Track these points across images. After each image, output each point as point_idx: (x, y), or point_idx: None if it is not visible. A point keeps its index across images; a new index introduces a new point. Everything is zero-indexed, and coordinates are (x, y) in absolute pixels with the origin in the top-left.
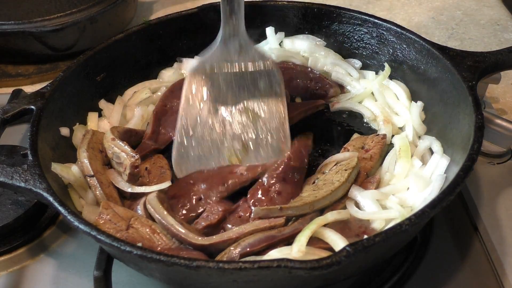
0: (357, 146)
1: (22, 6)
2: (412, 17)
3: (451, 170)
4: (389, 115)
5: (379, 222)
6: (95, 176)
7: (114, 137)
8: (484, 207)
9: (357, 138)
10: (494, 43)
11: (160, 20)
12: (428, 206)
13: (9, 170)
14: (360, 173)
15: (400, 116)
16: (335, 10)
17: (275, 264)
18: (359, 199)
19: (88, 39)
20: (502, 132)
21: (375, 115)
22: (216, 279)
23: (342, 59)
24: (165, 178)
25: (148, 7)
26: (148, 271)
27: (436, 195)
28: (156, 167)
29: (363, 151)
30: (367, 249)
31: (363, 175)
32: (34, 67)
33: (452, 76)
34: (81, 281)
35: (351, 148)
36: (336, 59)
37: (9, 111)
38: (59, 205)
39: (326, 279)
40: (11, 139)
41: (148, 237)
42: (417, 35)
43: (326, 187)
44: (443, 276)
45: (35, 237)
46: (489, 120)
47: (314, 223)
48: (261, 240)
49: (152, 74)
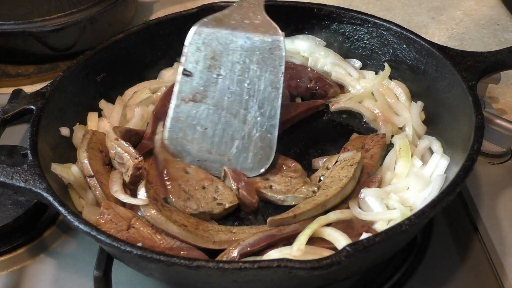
0: (356, 146)
1: (22, 6)
2: (412, 17)
3: (451, 170)
4: (389, 115)
5: (381, 223)
6: (95, 176)
7: (117, 137)
8: (484, 207)
9: (356, 138)
10: (494, 43)
11: (160, 20)
12: (428, 206)
13: (9, 170)
14: (362, 172)
15: (400, 116)
16: (335, 10)
17: (275, 264)
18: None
19: (88, 39)
20: (502, 132)
21: (375, 115)
22: (216, 279)
23: (342, 59)
24: None
25: (148, 7)
26: (148, 271)
27: (436, 195)
28: (154, 168)
29: (363, 151)
30: (367, 249)
31: (365, 175)
32: (34, 67)
33: (452, 76)
34: (81, 281)
35: (351, 148)
36: (336, 59)
37: (9, 111)
38: (59, 205)
39: (326, 279)
40: (11, 139)
41: (149, 237)
42: (417, 35)
43: (335, 184)
44: (443, 276)
45: (35, 237)
46: (489, 120)
47: (316, 223)
48: (261, 239)
49: (152, 74)
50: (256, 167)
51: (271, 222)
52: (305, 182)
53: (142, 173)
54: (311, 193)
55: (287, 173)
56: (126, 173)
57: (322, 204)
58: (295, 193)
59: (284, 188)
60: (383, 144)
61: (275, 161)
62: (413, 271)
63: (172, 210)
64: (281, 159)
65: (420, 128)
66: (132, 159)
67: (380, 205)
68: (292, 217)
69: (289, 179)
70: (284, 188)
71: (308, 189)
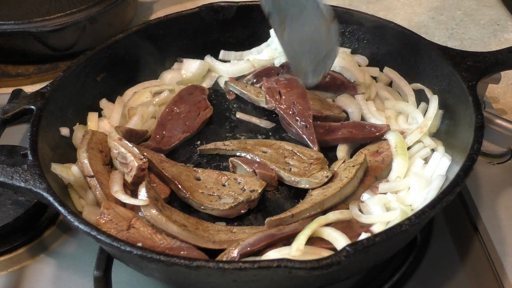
0: (372, 150)
1: (22, 6)
2: (412, 17)
3: (451, 170)
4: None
5: (379, 226)
6: (95, 176)
7: (120, 137)
8: (484, 207)
9: (374, 143)
10: (494, 43)
11: (160, 20)
12: (428, 206)
13: (9, 170)
14: (369, 174)
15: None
16: (335, 10)
17: (275, 264)
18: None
19: (88, 39)
20: (502, 132)
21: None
22: (216, 279)
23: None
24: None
25: (148, 7)
26: (148, 271)
27: (435, 195)
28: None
29: (377, 154)
30: (367, 249)
31: (372, 178)
32: (34, 67)
33: (452, 76)
34: (81, 281)
35: (366, 152)
36: (345, 63)
37: (9, 111)
38: (59, 205)
39: (326, 279)
40: (11, 139)
41: (149, 237)
42: (417, 35)
43: (335, 184)
44: (443, 276)
45: (35, 237)
46: (489, 120)
47: (315, 223)
48: (261, 239)
49: (152, 74)
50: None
51: (269, 223)
52: (322, 169)
53: (146, 174)
54: (325, 179)
55: (308, 160)
56: (129, 173)
57: (320, 203)
58: (310, 177)
59: (302, 171)
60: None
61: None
62: (413, 271)
63: (172, 210)
64: (308, 150)
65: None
66: (136, 160)
67: (381, 209)
68: (290, 217)
69: (308, 164)
70: (302, 171)
71: (322, 175)
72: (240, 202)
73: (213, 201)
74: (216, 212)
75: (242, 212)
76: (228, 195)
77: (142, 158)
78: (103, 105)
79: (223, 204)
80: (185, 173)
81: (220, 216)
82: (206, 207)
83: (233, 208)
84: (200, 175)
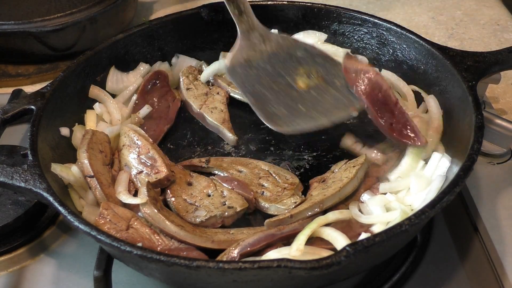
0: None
1: (22, 6)
2: (412, 17)
3: (451, 170)
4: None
5: (379, 226)
6: (95, 176)
7: (152, 141)
8: (484, 207)
9: (384, 142)
10: (494, 43)
11: (160, 20)
12: (428, 206)
13: (9, 170)
14: (370, 175)
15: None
16: (335, 10)
17: (275, 264)
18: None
19: (88, 39)
20: (502, 132)
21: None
22: (216, 279)
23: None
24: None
25: (148, 7)
26: (148, 271)
27: (434, 195)
28: None
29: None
30: (367, 249)
31: (374, 179)
32: (34, 67)
33: (452, 76)
34: (81, 281)
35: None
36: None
37: (9, 111)
38: (59, 205)
39: (326, 279)
40: (11, 139)
41: (148, 238)
42: (417, 35)
43: (335, 185)
44: (443, 276)
45: (35, 237)
46: (489, 120)
47: (315, 223)
48: (261, 239)
49: None
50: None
51: (268, 224)
52: (293, 195)
53: (167, 184)
54: (293, 205)
55: (283, 184)
56: (150, 173)
57: (319, 203)
58: (279, 203)
59: (274, 196)
60: (402, 150)
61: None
62: (413, 271)
63: (170, 213)
64: (284, 172)
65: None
66: (166, 169)
67: (381, 210)
68: (289, 217)
69: (282, 189)
70: (273, 196)
71: (291, 201)
72: (212, 216)
73: (189, 212)
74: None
75: (216, 226)
76: (205, 207)
77: (173, 171)
78: (97, 109)
79: (195, 216)
80: (179, 176)
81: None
82: (183, 216)
83: (204, 222)
84: (193, 180)
